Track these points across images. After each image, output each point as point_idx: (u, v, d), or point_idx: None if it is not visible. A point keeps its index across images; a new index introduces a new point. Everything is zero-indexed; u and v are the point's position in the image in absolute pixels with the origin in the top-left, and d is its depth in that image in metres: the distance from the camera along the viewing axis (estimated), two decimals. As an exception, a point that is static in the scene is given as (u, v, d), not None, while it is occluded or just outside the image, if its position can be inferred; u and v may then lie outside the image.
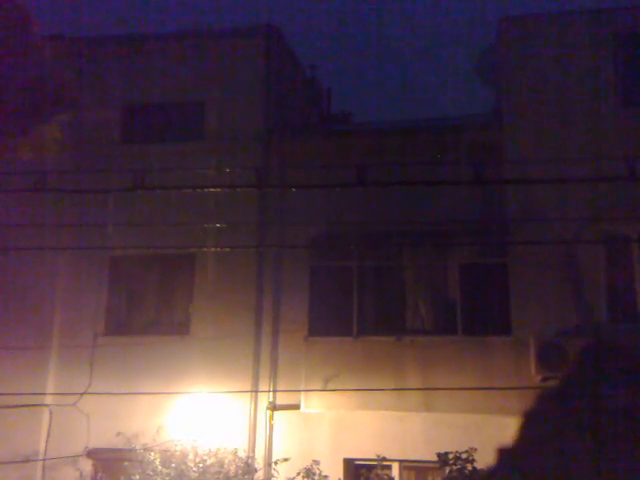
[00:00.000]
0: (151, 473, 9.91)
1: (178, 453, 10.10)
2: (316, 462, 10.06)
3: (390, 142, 11.81)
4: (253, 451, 10.89)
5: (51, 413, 11.59)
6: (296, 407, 10.93)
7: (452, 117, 14.17)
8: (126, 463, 10.35)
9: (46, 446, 11.50)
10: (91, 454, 11.37)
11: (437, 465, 9.81)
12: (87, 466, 11.32)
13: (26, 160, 11.86)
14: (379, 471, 10.14)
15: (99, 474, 11.04)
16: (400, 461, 10.68)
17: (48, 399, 11.63)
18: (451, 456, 9.60)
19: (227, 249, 11.07)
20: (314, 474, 9.97)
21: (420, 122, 13.53)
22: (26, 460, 11.29)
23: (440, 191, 10.88)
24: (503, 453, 10.17)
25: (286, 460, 10.32)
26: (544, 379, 10.08)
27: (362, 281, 11.36)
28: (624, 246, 10.71)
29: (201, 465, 9.94)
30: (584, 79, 11.17)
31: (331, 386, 10.57)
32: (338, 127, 15.06)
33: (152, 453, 10.15)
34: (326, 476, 10.01)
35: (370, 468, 10.49)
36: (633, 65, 11.34)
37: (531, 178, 9.60)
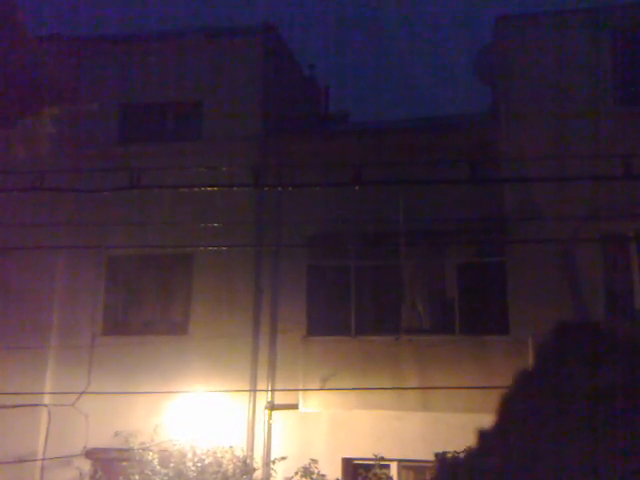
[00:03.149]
0: (149, 473, 9.94)
1: (176, 452, 10.13)
2: (314, 461, 10.10)
3: (387, 141, 11.79)
4: (251, 450, 10.90)
5: (49, 413, 11.58)
6: (294, 407, 10.93)
7: (449, 116, 14.17)
8: (124, 463, 10.38)
9: (44, 446, 11.49)
10: (89, 454, 11.37)
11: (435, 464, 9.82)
12: (86, 466, 11.31)
13: (23, 160, 11.83)
14: (377, 470, 10.16)
15: (98, 474, 11.02)
16: (398, 460, 10.70)
17: (46, 399, 11.63)
18: (449, 455, 9.62)
19: (224, 248, 11.06)
20: (312, 473, 10.00)
21: (417, 121, 13.53)
22: (25, 460, 11.27)
23: (438, 190, 10.85)
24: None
25: (284, 459, 10.35)
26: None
27: (360, 280, 11.37)
28: (622, 245, 10.71)
29: (199, 464, 9.97)
30: (581, 77, 11.16)
31: (329, 385, 10.57)
32: (335, 126, 15.04)
33: (150, 453, 10.19)
34: (324, 475, 10.05)
35: (368, 467, 10.49)
36: (631, 63, 11.33)
37: (529, 177, 9.58)
